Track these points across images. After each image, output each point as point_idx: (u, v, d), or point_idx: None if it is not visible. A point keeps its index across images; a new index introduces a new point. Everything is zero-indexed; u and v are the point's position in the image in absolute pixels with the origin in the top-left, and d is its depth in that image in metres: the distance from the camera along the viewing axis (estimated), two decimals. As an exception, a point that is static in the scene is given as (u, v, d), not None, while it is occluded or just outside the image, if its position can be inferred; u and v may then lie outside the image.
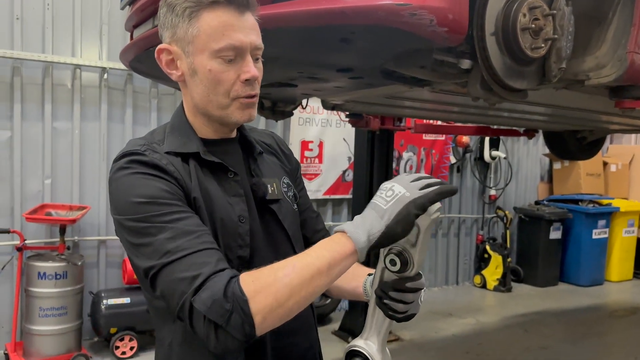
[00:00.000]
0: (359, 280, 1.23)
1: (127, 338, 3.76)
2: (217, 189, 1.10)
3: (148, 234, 0.97)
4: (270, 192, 1.18)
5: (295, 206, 1.27)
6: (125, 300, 3.79)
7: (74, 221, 3.68)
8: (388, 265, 1.04)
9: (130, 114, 4.18)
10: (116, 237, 3.75)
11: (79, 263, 3.70)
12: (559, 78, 1.73)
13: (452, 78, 1.75)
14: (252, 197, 1.16)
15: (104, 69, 4.05)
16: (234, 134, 1.20)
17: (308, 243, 1.31)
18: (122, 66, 3.50)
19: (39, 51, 3.83)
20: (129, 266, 3.86)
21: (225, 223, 1.08)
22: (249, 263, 1.09)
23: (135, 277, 3.79)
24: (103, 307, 3.72)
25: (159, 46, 1.09)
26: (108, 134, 4.11)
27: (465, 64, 1.62)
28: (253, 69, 1.06)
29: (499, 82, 1.62)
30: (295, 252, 1.18)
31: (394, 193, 0.97)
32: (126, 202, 1.00)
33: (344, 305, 4.63)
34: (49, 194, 3.94)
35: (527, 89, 1.72)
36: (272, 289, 0.90)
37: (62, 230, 3.72)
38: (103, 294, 3.80)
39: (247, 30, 1.05)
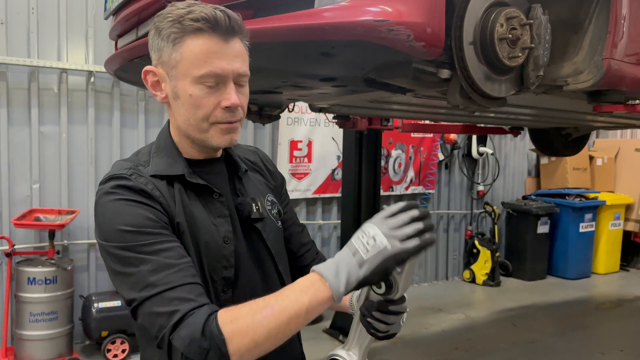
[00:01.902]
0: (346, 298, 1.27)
1: (118, 341, 3.78)
2: (201, 211, 1.11)
3: (131, 264, 0.99)
4: (254, 211, 1.20)
5: (280, 223, 1.29)
6: (116, 303, 3.80)
7: (63, 226, 3.68)
8: (374, 287, 1.07)
9: (118, 117, 4.18)
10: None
11: (69, 267, 3.70)
12: (538, 84, 1.78)
13: (432, 86, 1.79)
14: (237, 216, 1.18)
15: (90, 73, 4.05)
16: (219, 154, 1.21)
17: (295, 257, 1.36)
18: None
19: (25, 56, 3.82)
20: (119, 269, 3.87)
21: (210, 245, 1.09)
22: (234, 283, 1.12)
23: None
24: (94, 310, 3.74)
25: (146, 68, 1.12)
26: (96, 137, 4.12)
27: (445, 73, 1.66)
28: (234, 97, 1.06)
29: (478, 90, 1.65)
30: (278, 271, 1.23)
31: (376, 243, 0.97)
32: (112, 229, 1.01)
33: (335, 303, 4.67)
34: (37, 199, 3.94)
35: (506, 97, 1.76)
36: (249, 330, 0.92)
37: (52, 235, 3.72)
38: (94, 298, 3.81)
39: (230, 57, 1.06)
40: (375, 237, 0.97)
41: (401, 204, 1.02)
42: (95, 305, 3.75)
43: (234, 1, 1.51)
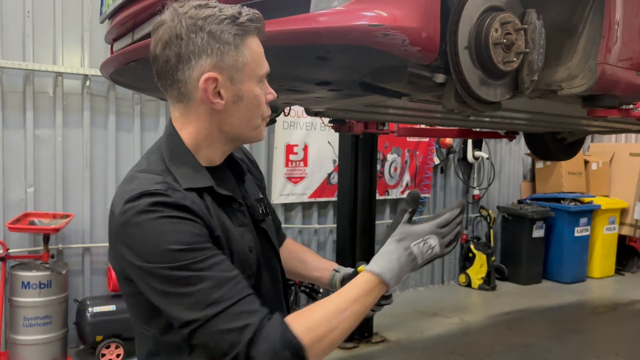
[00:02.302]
0: (323, 272, 1.38)
1: (113, 345, 3.76)
2: (228, 222, 1.09)
3: (188, 284, 0.94)
4: (260, 212, 1.21)
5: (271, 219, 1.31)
6: (111, 307, 3.78)
7: (57, 230, 3.67)
8: None
9: (114, 120, 4.18)
10: (101, 244, 3.73)
11: (64, 272, 3.69)
12: (532, 89, 1.79)
13: (427, 91, 1.79)
14: (253, 222, 1.18)
15: (86, 76, 4.04)
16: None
17: None
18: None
19: (20, 59, 3.81)
20: (113, 273, 3.85)
21: (240, 256, 1.09)
22: (254, 288, 1.09)
23: (120, 284, 3.82)
24: (88, 314, 3.72)
25: (207, 75, 1.03)
26: (91, 140, 4.10)
27: (440, 77, 1.67)
28: (274, 91, 1.13)
29: (473, 95, 1.66)
30: (281, 267, 1.27)
31: (432, 252, 1.09)
32: (158, 249, 0.95)
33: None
34: (31, 203, 3.92)
35: (501, 101, 1.77)
36: (327, 336, 0.98)
37: (46, 239, 3.70)
38: (88, 302, 3.79)
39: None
40: (434, 248, 1.09)
41: (455, 211, 1.13)
42: (90, 309, 3.73)
43: (229, 5, 1.51)
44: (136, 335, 1.13)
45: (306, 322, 0.97)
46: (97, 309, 3.75)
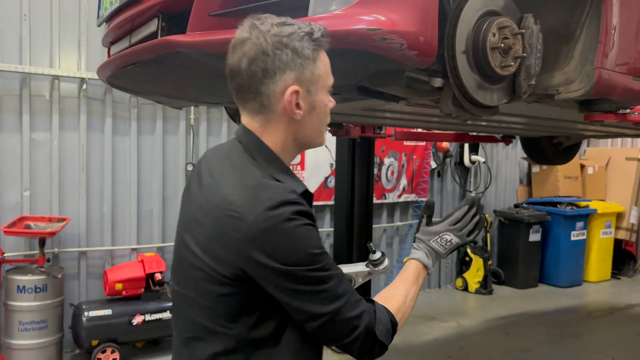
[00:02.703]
0: None
1: (109, 350, 3.74)
2: None
3: (322, 282, 1.07)
4: None
5: None
6: (107, 311, 3.77)
7: (53, 234, 3.65)
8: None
9: (110, 124, 4.17)
10: (97, 248, 3.70)
11: (59, 275, 3.67)
12: (529, 93, 1.79)
13: (425, 95, 1.79)
14: None
15: (82, 80, 4.04)
16: None
17: None
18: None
19: (17, 62, 3.80)
20: (110, 277, 3.85)
21: None
22: None
23: (116, 288, 3.80)
24: (84, 319, 3.70)
25: (292, 88, 1.10)
26: (87, 144, 4.09)
27: (437, 82, 1.67)
28: (333, 99, 1.21)
29: (470, 99, 1.67)
30: None
31: (453, 244, 1.39)
32: (303, 253, 1.05)
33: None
34: (27, 206, 3.90)
35: (498, 105, 1.77)
36: (406, 314, 1.25)
37: (42, 243, 3.69)
38: (84, 306, 3.78)
39: None
40: (451, 240, 1.39)
41: (463, 209, 1.40)
42: (86, 313, 3.71)
43: (228, 9, 1.51)
44: (202, 336, 1.13)
45: (393, 305, 1.21)
46: (93, 313, 3.73)
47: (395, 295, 1.25)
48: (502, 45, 1.63)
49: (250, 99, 1.13)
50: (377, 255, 1.55)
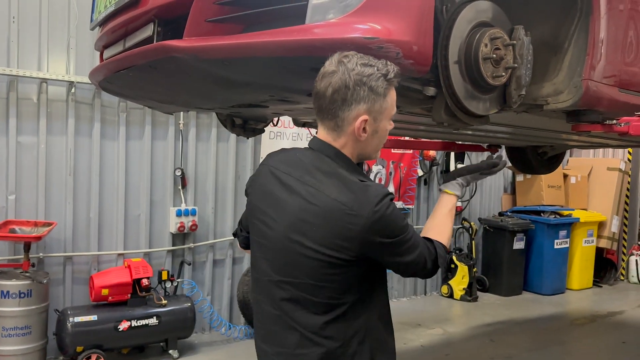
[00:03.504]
0: None
1: (94, 356, 3.70)
2: None
3: (410, 240, 1.44)
4: None
5: None
6: (92, 317, 3.73)
7: (39, 238, 3.61)
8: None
9: (98, 128, 4.14)
10: (83, 253, 3.67)
11: (44, 281, 3.63)
12: (519, 103, 1.83)
13: (418, 103, 1.82)
14: None
15: (71, 83, 4.01)
16: None
17: None
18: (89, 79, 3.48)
19: (4, 65, 3.77)
20: (96, 283, 3.81)
21: None
22: None
23: (102, 294, 3.76)
24: (69, 325, 3.65)
25: (363, 117, 1.39)
26: (75, 148, 4.06)
27: (430, 91, 1.69)
28: (393, 123, 1.50)
29: (462, 108, 1.70)
30: None
31: (473, 177, 1.85)
32: (401, 226, 1.41)
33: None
34: (13, 210, 3.86)
35: (489, 115, 1.80)
36: (449, 241, 1.61)
37: (27, 247, 3.65)
38: (69, 312, 3.73)
39: None
40: (468, 178, 1.84)
41: (485, 165, 1.86)
42: (71, 319, 3.67)
43: (224, 15, 1.52)
44: (313, 310, 1.41)
45: (442, 236, 1.58)
46: (78, 319, 3.69)
47: (440, 226, 1.63)
48: (494, 55, 1.66)
49: (328, 119, 1.42)
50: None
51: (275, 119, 3.12)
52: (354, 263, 1.38)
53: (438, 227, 1.62)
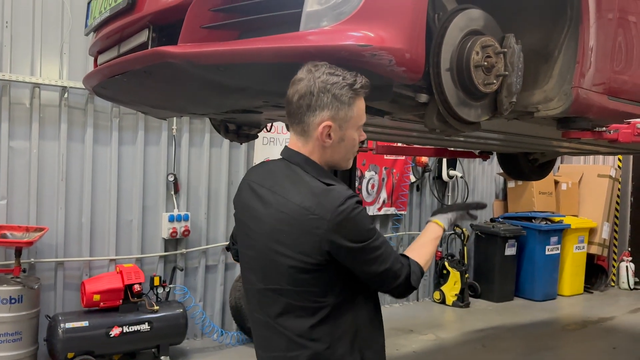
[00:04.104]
0: None
1: (85, 362, 3.68)
2: None
3: (379, 248, 1.43)
4: None
5: None
6: (84, 323, 3.71)
7: (30, 243, 3.60)
8: None
9: (91, 133, 4.14)
10: (74, 259, 3.66)
11: (35, 286, 3.61)
12: (510, 110, 1.85)
13: (410, 110, 1.84)
14: None
15: (64, 88, 4.00)
16: None
17: None
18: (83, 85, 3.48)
19: (-4, 69, 3.76)
20: (87, 288, 3.79)
21: None
22: None
23: (93, 299, 3.74)
24: (60, 331, 3.63)
25: (325, 123, 1.42)
26: (67, 153, 4.05)
27: (423, 97, 1.71)
28: (364, 134, 1.55)
29: (454, 115, 1.72)
30: None
31: (455, 218, 1.83)
32: (366, 231, 1.41)
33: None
34: (4, 215, 3.84)
35: (480, 121, 1.82)
36: (427, 265, 1.58)
37: (18, 253, 3.63)
38: (60, 318, 3.71)
39: None
40: (450, 217, 1.81)
41: (468, 206, 1.88)
42: (62, 325, 3.65)
43: (220, 22, 1.54)
44: (299, 314, 1.44)
45: (421, 258, 1.55)
46: (69, 325, 3.66)
47: (422, 247, 1.62)
48: (485, 63, 1.68)
49: (296, 124, 1.47)
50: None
51: (269, 125, 3.13)
52: (325, 267, 1.40)
53: (419, 249, 1.62)
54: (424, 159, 6.15)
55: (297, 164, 1.48)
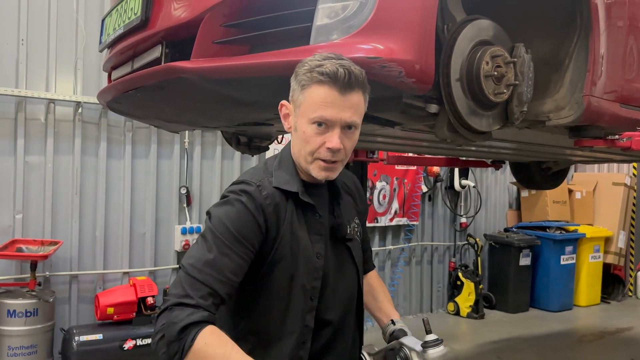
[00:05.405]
0: (384, 317, 1.66)
1: (99, 375, 3.69)
2: (303, 227, 1.38)
3: (204, 245, 1.27)
4: (348, 232, 1.47)
5: (360, 243, 1.55)
6: (98, 336, 3.73)
7: (45, 257, 3.63)
8: None
9: (105, 147, 4.18)
10: (89, 272, 3.69)
11: (50, 299, 3.64)
12: (521, 120, 1.85)
13: (420, 120, 1.84)
14: (331, 235, 1.44)
15: (78, 103, 4.06)
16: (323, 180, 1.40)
17: None
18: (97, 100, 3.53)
19: (13, 86, 3.83)
20: (101, 301, 3.82)
21: (305, 257, 1.36)
22: (321, 293, 1.38)
23: (107, 312, 3.76)
24: (75, 344, 3.65)
25: (282, 101, 1.37)
26: (81, 167, 4.10)
27: (433, 108, 1.72)
28: (335, 141, 1.28)
29: (465, 125, 1.72)
30: (359, 284, 1.52)
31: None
32: (219, 217, 1.29)
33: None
34: (19, 229, 3.88)
35: (491, 131, 1.82)
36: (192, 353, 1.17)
37: (33, 266, 3.66)
38: (75, 331, 3.73)
39: (342, 107, 1.27)
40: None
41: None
42: (76, 338, 3.67)
43: (231, 37, 1.56)
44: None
45: (212, 341, 1.17)
46: (83, 338, 3.68)
47: (222, 346, 1.18)
48: (495, 73, 1.68)
49: None
50: (432, 337, 1.47)
51: (280, 137, 3.15)
52: None
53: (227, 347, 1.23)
54: (436, 168, 6.13)
55: (276, 157, 1.45)
